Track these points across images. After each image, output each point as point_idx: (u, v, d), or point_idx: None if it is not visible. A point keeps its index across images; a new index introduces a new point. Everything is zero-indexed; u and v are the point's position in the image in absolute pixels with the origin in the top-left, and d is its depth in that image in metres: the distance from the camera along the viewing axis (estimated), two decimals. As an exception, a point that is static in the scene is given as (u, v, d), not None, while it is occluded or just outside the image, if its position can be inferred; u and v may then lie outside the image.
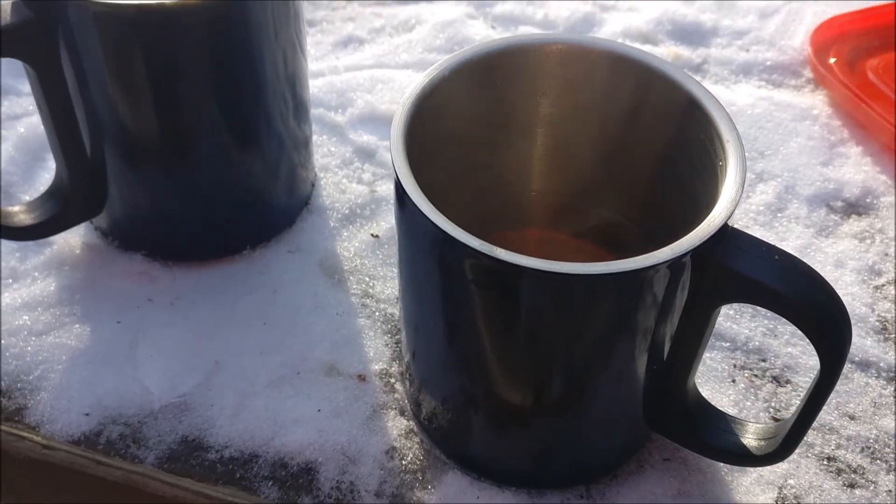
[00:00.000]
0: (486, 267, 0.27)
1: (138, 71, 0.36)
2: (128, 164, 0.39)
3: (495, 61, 0.33)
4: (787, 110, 0.53)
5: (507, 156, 0.35)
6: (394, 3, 0.59)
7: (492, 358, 0.31)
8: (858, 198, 0.49)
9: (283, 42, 0.38)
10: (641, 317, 0.28)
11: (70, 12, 0.35)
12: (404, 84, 0.52)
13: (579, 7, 0.60)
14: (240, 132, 0.39)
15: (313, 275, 0.42)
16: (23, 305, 0.40)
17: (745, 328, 0.42)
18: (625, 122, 0.33)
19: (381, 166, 0.48)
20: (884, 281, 0.44)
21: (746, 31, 0.59)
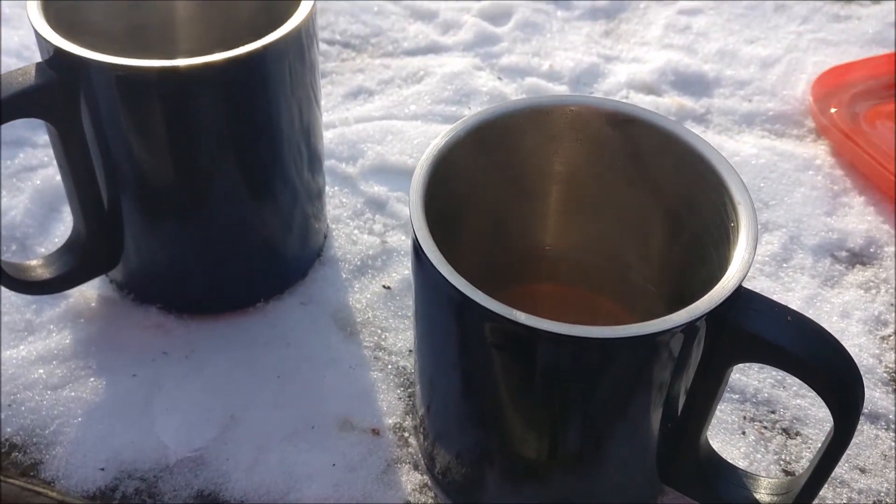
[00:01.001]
0: (505, 329, 0.28)
1: (157, 129, 0.37)
2: (144, 217, 0.40)
3: (509, 122, 0.34)
4: (790, 160, 0.54)
5: (521, 212, 0.36)
6: (402, 55, 0.61)
7: (507, 414, 0.32)
8: (862, 248, 0.49)
9: (298, 95, 0.39)
10: (657, 377, 0.29)
11: (92, 74, 0.35)
12: (413, 135, 0.53)
13: (584, 59, 0.61)
14: (255, 185, 0.40)
15: (326, 327, 0.43)
16: (38, 359, 0.41)
17: (753, 380, 0.42)
18: (636, 182, 0.34)
19: (392, 217, 0.49)
20: (890, 331, 0.45)
21: (748, 82, 0.60)
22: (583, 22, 0.65)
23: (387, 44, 0.61)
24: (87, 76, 0.35)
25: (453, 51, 0.61)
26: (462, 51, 0.61)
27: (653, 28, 0.66)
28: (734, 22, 0.67)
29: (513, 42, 0.62)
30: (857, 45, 0.65)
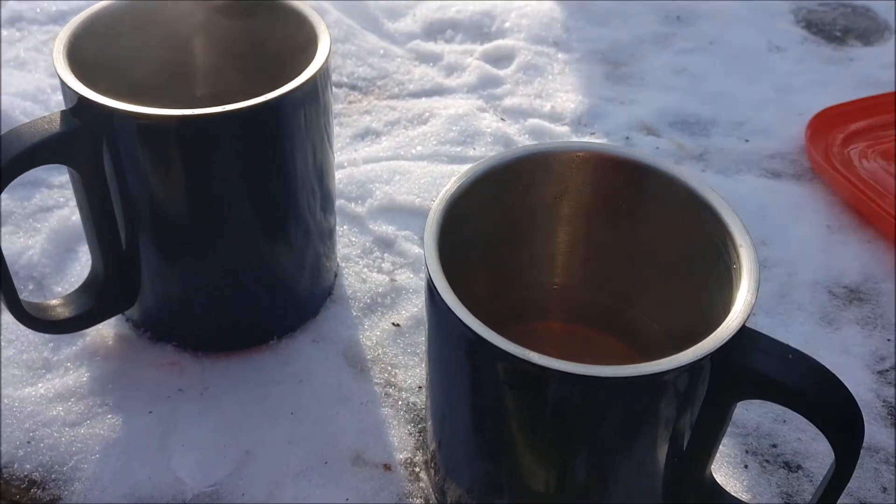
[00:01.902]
0: (517, 368, 0.29)
1: (176, 173, 0.38)
2: (161, 258, 0.41)
3: (518, 167, 0.35)
4: (787, 199, 0.56)
5: (530, 252, 0.37)
6: (408, 97, 0.62)
7: (518, 449, 0.32)
8: (859, 284, 0.51)
9: (313, 138, 0.40)
10: (663, 414, 0.30)
11: (115, 122, 0.37)
12: (420, 175, 0.55)
13: (584, 100, 0.63)
14: (270, 226, 0.41)
15: (337, 364, 0.44)
16: (56, 396, 0.42)
17: (755, 414, 0.43)
18: (641, 224, 0.35)
19: (401, 255, 0.50)
20: (887, 366, 0.46)
21: (745, 122, 0.62)
22: (582, 64, 0.67)
23: (393, 86, 0.63)
24: (110, 124, 0.37)
25: (457, 93, 0.63)
26: (466, 93, 0.63)
27: (651, 70, 0.67)
28: (730, 64, 0.69)
29: (515, 84, 0.64)
30: (850, 85, 0.67)
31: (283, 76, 0.40)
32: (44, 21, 0.67)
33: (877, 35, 0.74)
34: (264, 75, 0.44)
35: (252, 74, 0.45)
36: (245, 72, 0.45)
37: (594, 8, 0.73)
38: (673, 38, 0.71)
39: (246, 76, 0.45)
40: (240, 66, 0.45)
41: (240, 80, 0.45)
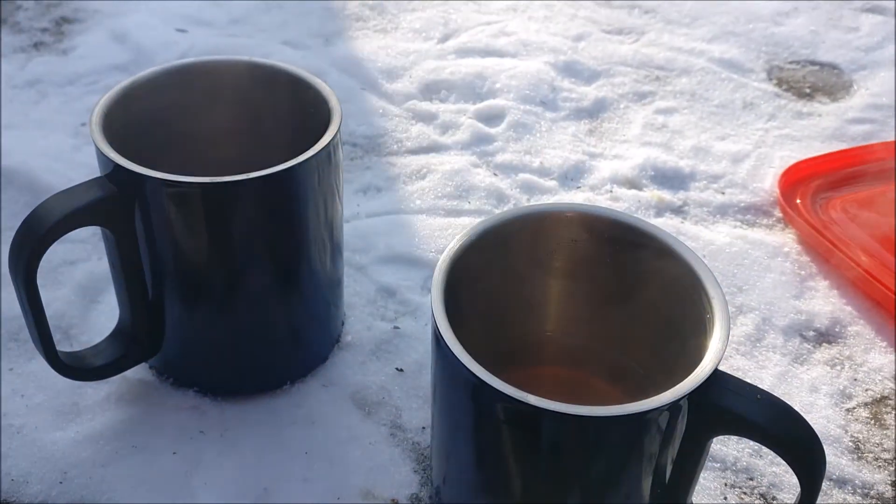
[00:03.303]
0: (516, 409, 0.32)
1: (200, 233, 0.42)
2: (184, 310, 0.45)
3: (515, 226, 0.39)
4: (760, 248, 0.60)
5: (525, 302, 0.41)
6: (406, 154, 0.66)
7: (515, 484, 0.36)
8: (828, 328, 0.54)
9: (325, 196, 0.44)
10: (647, 449, 0.33)
11: (147, 187, 0.40)
12: (420, 228, 0.59)
13: (570, 156, 0.67)
14: (284, 279, 0.45)
15: (347, 407, 0.47)
16: (85, 439, 0.45)
17: (733, 450, 0.47)
18: (626, 277, 0.39)
19: (403, 304, 0.54)
20: (854, 404, 0.50)
21: (721, 176, 0.67)
22: (568, 122, 0.71)
23: (392, 143, 0.67)
24: (142, 189, 0.41)
25: (452, 150, 0.67)
26: (460, 149, 0.67)
27: (632, 127, 0.72)
28: (706, 120, 0.73)
29: (506, 141, 0.68)
30: (819, 139, 0.72)
31: (294, 141, 0.44)
32: (61, 84, 0.71)
33: (843, 91, 0.79)
34: (276, 140, 0.48)
35: (265, 139, 0.49)
36: (259, 136, 0.49)
37: (578, 69, 0.77)
38: (653, 96, 0.76)
39: (260, 140, 0.49)
40: (254, 131, 0.49)
41: (254, 144, 0.49)
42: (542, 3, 0.88)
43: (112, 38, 0.76)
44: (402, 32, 0.81)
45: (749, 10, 0.90)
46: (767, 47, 0.84)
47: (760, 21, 0.88)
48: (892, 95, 0.77)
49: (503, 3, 0.88)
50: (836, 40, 0.86)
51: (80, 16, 0.81)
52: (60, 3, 0.83)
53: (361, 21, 0.83)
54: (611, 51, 0.81)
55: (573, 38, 0.82)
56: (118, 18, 0.80)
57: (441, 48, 0.79)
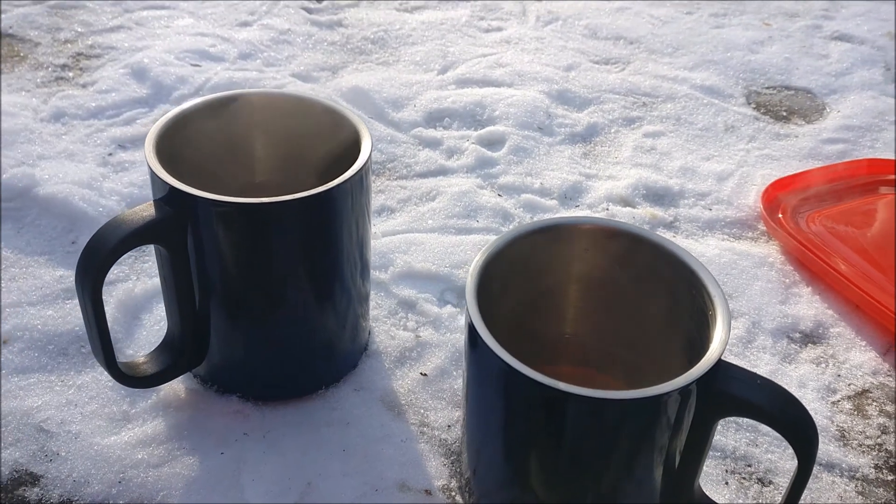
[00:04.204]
0: (548, 395, 0.37)
1: (245, 250, 0.46)
2: (228, 322, 0.49)
3: (537, 237, 0.43)
4: (747, 259, 0.65)
5: (545, 307, 0.46)
6: (416, 178, 0.71)
7: (543, 468, 0.40)
8: (812, 329, 0.59)
9: (357, 216, 0.48)
10: (661, 429, 0.38)
11: (199, 208, 0.44)
12: (433, 245, 0.63)
13: (568, 177, 0.72)
14: (319, 292, 0.49)
15: (377, 409, 0.51)
16: (139, 443, 0.48)
17: (731, 440, 0.51)
18: (637, 283, 0.44)
19: (422, 315, 0.58)
20: (839, 397, 0.55)
21: (708, 193, 0.72)
22: (564, 146, 0.76)
23: (401, 168, 0.72)
24: (194, 209, 0.45)
25: (458, 173, 0.72)
26: (466, 172, 0.72)
27: (623, 149, 0.77)
28: (691, 142, 0.79)
29: (508, 164, 0.73)
30: (797, 158, 0.77)
31: (326, 166, 0.48)
32: (84, 116, 0.75)
33: (816, 114, 0.85)
34: (312, 165, 0.52)
35: (302, 164, 0.53)
36: (296, 161, 0.53)
37: (571, 97, 0.83)
38: (641, 121, 0.81)
39: (297, 165, 0.53)
40: (290, 156, 0.53)
41: (292, 168, 0.53)
42: (533, 35, 0.94)
43: (130, 73, 0.80)
44: (403, 65, 0.86)
45: (726, 39, 0.96)
46: (745, 74, 0.90)
47: (737, 50, 0.94)
48: (862, 117, 0.83)
49: (496, 35, 0.93)
50: (809, 66, 0.92)
51: (95, 52, 0.85)
52: (76, 40, 0.87)
53: (364, 55, 0.88)
54: (600, 80, 0.86)
55: (564, 69, 0.88)
56: (133, 54, 0.84)
57: (441, 79, 0.84)
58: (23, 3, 0.92)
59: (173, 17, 0.92)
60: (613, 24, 0.97)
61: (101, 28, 0.89)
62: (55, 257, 0.60)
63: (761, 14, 1.04)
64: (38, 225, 0.63)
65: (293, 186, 0.47)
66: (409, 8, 0.98)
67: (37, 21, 0.89)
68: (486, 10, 0.99)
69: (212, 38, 0.88)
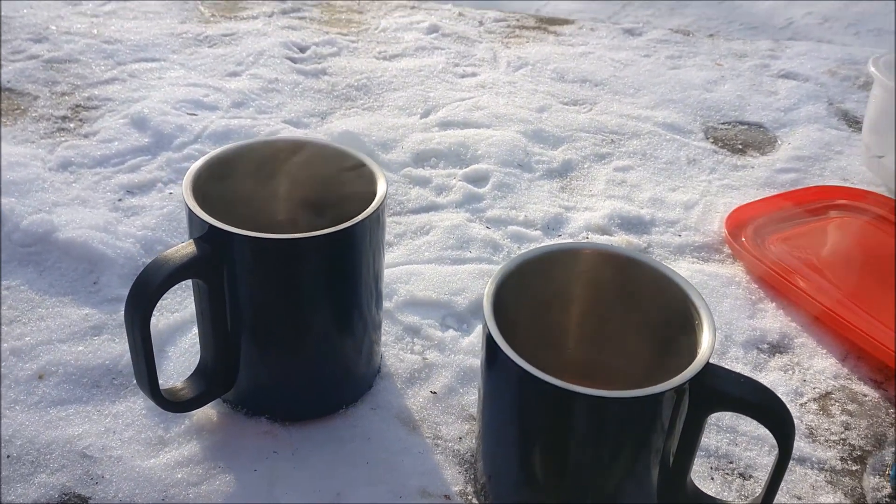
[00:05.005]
0: (561, 396, 0.42)
1: (275, 281, 0.51)
2: (258, 348, 0.53)
3: (542, 260, 0.49)
4: (716, 279, 0.71)
5: (551, 323, 0.51)
6: (409, 214, 0.76)
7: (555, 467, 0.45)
8: (778, 341, 0.66)
9: (374, 248, 0.53)
10: (659, 424, 0.43)
11: (234, 244, 0.49)
12: (432, 275, 0.68)
13: (549, 210, 0.78)
14: (341, 320, 0.54)
15: (394, 425, 0.56)
16: (177, 464, 0.52)
17: (713, 440, 0.57)
18: (631, 300, 0.49)
19: (427, 339, 0.63)
20: (805, 399, 0.61)
21: (676, 221, 0.78)
22: (543, 181, 0.83)
23: (395, 205, 0.77)
24: (230, 245, 0.49)
25: (448, 208, 0.77)
26: (455, 207, 0.77)
27: (597, 183, 0.83)
28: (658, 175, 0.85)
29: (493, 199, 0.79)
30: (754, 187, 0.85)
31: (345, 205, 0.53)
32: (91, 165, 0.79)
33: (769, 146, 0.93)
34: (330, 204, 0.57)
35: (321, 203, 0.58)
36: (316, 200, 0.58)
37: (545, 136, 0.89)
38: (611, 156, 0.88)
39: (316, 204, 0.58)
40: (312, 196, 0.58)
41: (312, 207, 0.58)
42: (506, 80, 1.00)
43: (130, 123, 0.85)
44: (388, 109, 0.92)
45: (683, 79, 1.04)
46: (702, 111, 0.98)
47: (694, 89, 1.02)
48: (810, 148, 0.91)
49: (472, 80, 1.00)
50: (759, 103, 1.00)
51: (93, 103, 0.90)
52: (73, 93, 0.91)
53: (350, 101, 0.94)
54: (570, 119, 0.93)
55: (537, 110, 0.94)
56: (130, 105, 0.89)
57: (425, 122, 0.90)
58: (18, 58, 0.96)
59: (164, 69, 0.97)
60: (578, 68, 1.05)
61: (96, 81, 0.94)
62: (79, 297, 0.64)
63: (713, 55, 1.12)
64: (59, 267, 0.66)
65: (313, 224, 0.52)
66: (388, 56, 1.04)
67: (34, 75, 0.93)
68: (459, 56, 1.05)
69: (204, 88, 0.93)
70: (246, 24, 1.09)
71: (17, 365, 0.58)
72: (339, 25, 1.11)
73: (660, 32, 1.17)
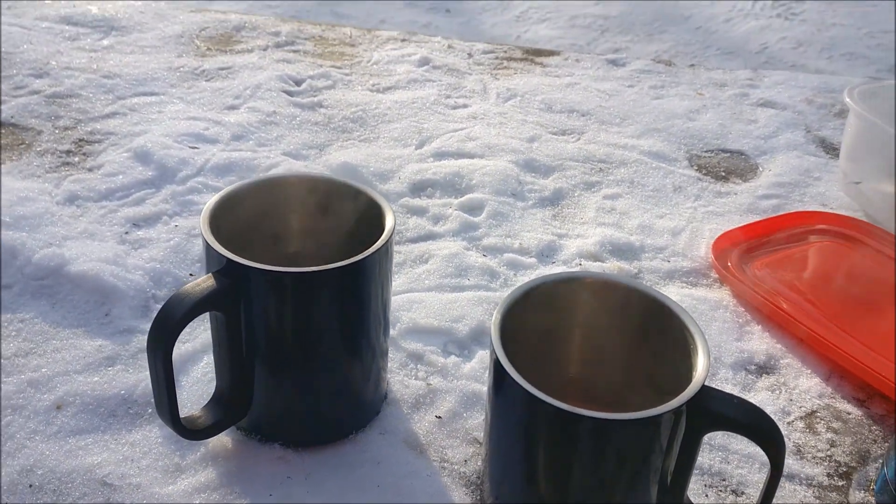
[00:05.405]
0: (567, 419, 0.45)
1: (290, 312, 0.53)
2: (272, 377, 0.55)
3: (546, 289, 0.52)
4: (704, 303, 0.74)
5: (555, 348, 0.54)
6: (408, 243, 0.79)
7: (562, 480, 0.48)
8: (765, 362, 0.69)
9: (382, 279, 0.56)
10: (659, 443, 0.46)
11: (251, 277, 0.52)
12: (433, 303, 0.71)
13: (542, 237, 0.81)
14: (351, 349, 0.56)
15: (402, 449, 0.58)
16: (195, 490, 0.54)
17: (706, 458, 0.59)
18: (630, 326, 0.52)
19: (430, 366, 0.65)
20: (792, 418, 0.64)
21: (665, 247, 0.81)
22: (536, 209, 0.86)
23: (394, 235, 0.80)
24: (247, 278, 0.52)
25: (445, 237, 0.80)
26: (452, 236, 0.80)
27: (587, 211, 0.87)
28: (646, 202, 0.89)
29: (489, 227, 0.82)
30: (737, 213, 0.88)
31: (354, 236, 0.56)
32: (97, 198, 0.81)
33: (751, 173, 0.96)
34: (339, 236, 0.60)
35: (330, 235, 0.60)
36: (325, 232, 0.61)
37: (537, 165, 0.92)
38: (600, 185, 0.91)
39: (325, 236, 0.61)
40: (322, 229, 0.61)
41: (321, 239, 0.61)
42: (496, 111, 1.04)
43: (133, 157, 0.87)
44: (383, 141, 0.95)
45: (666, 109, 1.08)
46: (686, 140, 1.01)
47: (677, 118, 1.06)
48: (790, 174, 0.95)
49: (464, 111, 1.03)
50: (740, 131, 1.04)
51: (96, 137, 0.92)
52: (76, 127, 0.94)
53: (347, 133, 0.96)
54: (559, 149, 0.96)
55: (527, 140, 0.97)
56: (132, 138, 0.91)
57: (420, 153, 0.93)
58: (21, 93, 0.98)
59: (164, 102, 1.00)
60: (566, 99, 1.08)
61: (98, 115, 0.96)
62: (91, 329, 0.66)
63: (694, 84, 1.16)
64: (72, 300, 0.68)
65: (323, 255, 0.54)
66: (382, 88, 1.07)
67: (36, 110, 0.95)
68: (450, 88, 1.09)
69: (204, 121, 0.95)
70: (241, 57, 1.12)
71: (35, 396, 0.60)
72: (332, 58, 1.14)
73: (642, 63, 1.21)
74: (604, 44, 3.03)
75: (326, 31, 1.23)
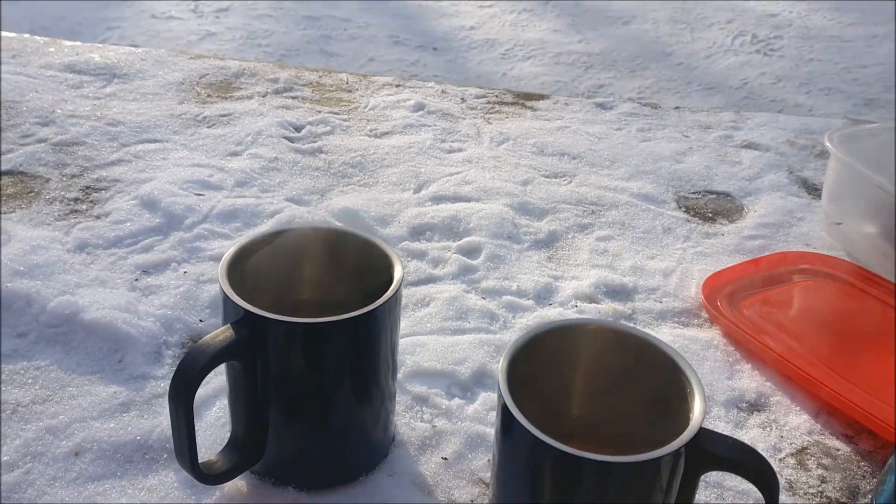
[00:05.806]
0: (572, 462, 0.47)
1: (306, 360, 0.56)
2: (286, 422, 0.58)
3: (548, 336, 0.55)
4: (696, 343, 0.77)
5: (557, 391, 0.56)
6: (409, 286, 0.82)
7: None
8: (756, 399, 0.72)
9: (392, 326, 0.58)
10: (661, 483, 0.48)
11: (268, 327, 0.54)
12: (435, 346, 0.73)
13: (539, 279, 0.84)
14: (363, 393, 0.59)
15: (410, 490, 0.60)
16: (212, 533, 0.56)
17: (702, 496, 0.62)
18: (629, 369, 0.55)
19: (434, 408, 0.68)
20: (784, 455, 0.67)
21: (657, 288, 0.84)
22: (531, 252, 0.89)
23: (398, 281, 0.82)
24: (264, 329, 0.54)
25: (445, 280, 0.83)
26: (451, 279, 0.83)
27: (581, 253, 0.90)
28: (637, 244, 0.92)
29: (487, 270, 0.84)
30: (725, 254, 0.91)
31: (363, 284, 0.59)
32: (106, 246, 0.84)
33: (737, 214, 1.00)
34: (349, 284, 0.63)
35: (341, 283, 0.63)
36: (336, 281, 0.63)
37: (530, 208, 0.95)
38: (592, 227, 0.94)
39: (336, 285, 0.63)
40: (332, 278, 0.63)
41: (332, 287, 0.63)
42: (490, 155, 1.07)
43: (140, 204, 0.90)
44: (382, 186, 0.98)
45: (654, 151, 1.11)
46: (673, 182, 1.05)
47: (664, 161, 1.09)
48: (775, 215, 0.98)
49: (459, 155, 1.06)
50: (726, 173, 1.08)
51: (102, 185, 0.94)
52: (82, 174, 0.96)
53: (346, 178, 0.99)
54: (552, 192, 1.00)
55: (521, 183, 1.01)
56: (137, 186, 0.94)
57: (418, 197, 0.96)
58: (28, 142, 1.01)
59: (167, 149, 1.02)
60: (557, 142, 1.12)
61: (103, 162, 0.99)
62: (105, 376, 0.68)
63: (680, 127, 1.20)
64: (86, 347, 0.71)
65: (334, 303, 0.57)
66: (379, 133, 1.10)
67: (43, 158, 0.98)
68: (445, 133, 1.12)
69: (208, 168, 0.98)
70: (241, 104, 1.15)
71: (53, 443, 0.62)
72: (330, 104, 1.17)
73: (629, 106, 1.25)
74: (588, 80, 3.09)
75: (323, 77, 1.26)
